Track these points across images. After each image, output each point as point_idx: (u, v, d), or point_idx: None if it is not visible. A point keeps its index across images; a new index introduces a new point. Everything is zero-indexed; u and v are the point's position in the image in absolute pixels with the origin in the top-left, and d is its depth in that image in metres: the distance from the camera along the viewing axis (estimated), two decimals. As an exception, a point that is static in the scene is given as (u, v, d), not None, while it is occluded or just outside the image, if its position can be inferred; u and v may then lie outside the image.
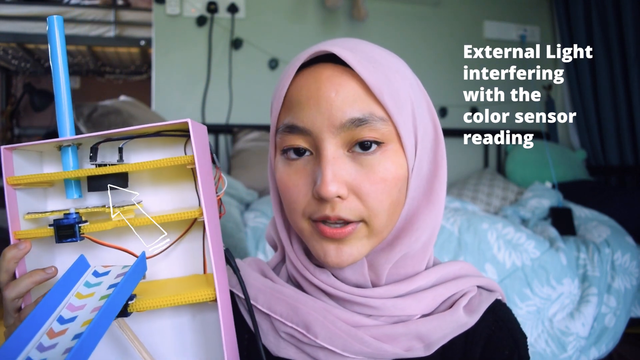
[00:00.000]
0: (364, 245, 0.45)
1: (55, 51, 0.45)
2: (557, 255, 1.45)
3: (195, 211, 0.43)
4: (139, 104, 1.74)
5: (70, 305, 0.40)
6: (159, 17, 2.25)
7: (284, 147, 0.45)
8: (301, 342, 0.48)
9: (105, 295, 0.40)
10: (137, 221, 0.43)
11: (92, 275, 0.44)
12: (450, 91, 2.49)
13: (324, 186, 0.41)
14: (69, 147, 0.45)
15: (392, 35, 2.47)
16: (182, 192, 0.49)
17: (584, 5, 2.48)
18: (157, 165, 0.42)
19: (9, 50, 2.81)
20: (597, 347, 1.42)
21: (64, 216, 0.43)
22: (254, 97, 2.31)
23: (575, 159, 2.44)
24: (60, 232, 0.42)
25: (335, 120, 0.42)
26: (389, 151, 0.43)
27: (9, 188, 0.43)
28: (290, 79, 0.45)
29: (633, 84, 2.28)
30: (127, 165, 0.43)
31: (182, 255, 0.50)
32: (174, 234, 0.49)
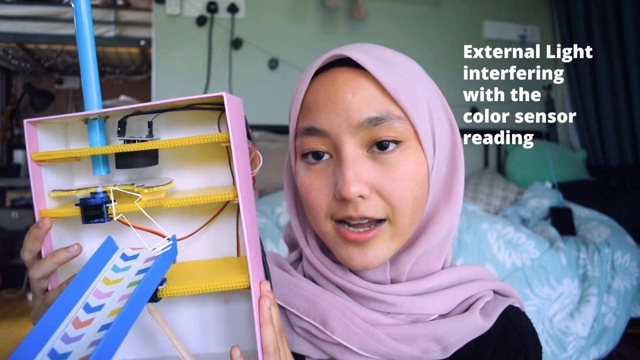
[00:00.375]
0: (389, 247, 0.45)
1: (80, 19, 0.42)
2: (557, 255, 1.45)
3: (230, 193, 0.40)
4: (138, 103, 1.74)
5: (97, 292, 0.38)
6: (159, 17, 2.25)
7: (303, 151, 0.46)
8: (316, 338, 0.47)
9: (133, 282, 0.38)
10: (169, 202, 0.40)
11: (120, 259, 0.42)
12: (450, 91, 2.48)
13: (346, 186, 0.41)
14: (95, 120, 0.43)
15: (392, 35, 2.47)
16: (214, 169, 0.47)
17: (584, 5, 2.48)
18: (190, 142, 0.40)
19: (9, 50, 2.81)
20: (597, 347, 1.42)
21: (91, 195, 0.40)
22: (254, 97, 2.31)
23: (575, 159, 2.44)
24: (87, 212, 0.40)
25: (353, 120, 0.42)
26: (408, 149, 0.44)
27: (33, 164, 0.41)
28: (307, 84, 0.45)
29: (633, 84, 2.27)
30: (159, 142, 0.40)
31: (214, 236, 0.48)
32: (207, 214, 0.46)
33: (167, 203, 0.40)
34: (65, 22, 2.55)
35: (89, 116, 0.42)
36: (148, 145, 0.40)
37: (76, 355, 0.32)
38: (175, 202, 0.40)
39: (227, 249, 0.48)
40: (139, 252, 0.43)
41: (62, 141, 0.46)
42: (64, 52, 2.81)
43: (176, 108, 0.42)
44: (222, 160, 0.47)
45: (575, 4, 2.51)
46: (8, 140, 3.25)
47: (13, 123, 3.30)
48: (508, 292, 0.53)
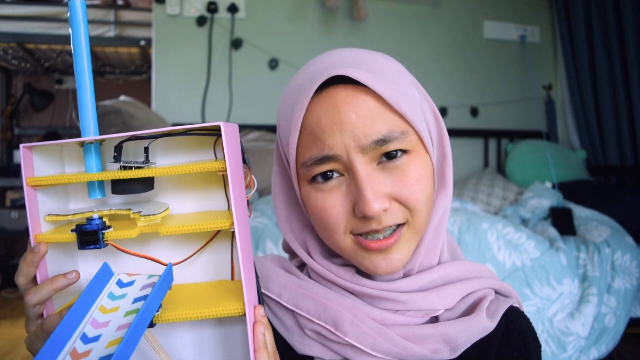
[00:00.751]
0: (409, 247, 0.46)
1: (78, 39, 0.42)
2: (557, 255, 1.45)
3: (225, 221, 0.40)
4: (139, 104, 1.74)
5: (94, 321, 0.38)
6: (159, 17, 2.25)
7: (314, 174, 0.45)
8: (328, 340, 0.48)
9: (130, 311, 0.38)
10: (165, 229, 0.40)
11: (116, 285, 0.42)
12: (450, 91, 2.49)
13: (369, 205, 0.42)
14: (91, 144, 0.43)
15: (392, 35, 2.47)
16: (210, 193, 0.47)
17: (584, 5, 2.48)
18: (187, 170, 0.40)
19: (9, 50, 2.80)
20: (597, 347, 1.42)
21: (87, 221, 0.40)
22: (254, 97, 2.31)
23: (575, 159, 2.44)
24: (83, 238, 0.40)
25: (361, 141, 0.43)
26: (414, 153, 0.45)
27: (29, 189, 0.41)
28: (305, 109, 0.44)
29: (633, 84, 2.27)
30: (155, 170, 0.40)
31: (210, 259, 0.48)
32: (202, 238, 0.47)
33: (163, 230, 0.40)
34: (65, 22, 2.54)
35: (85, 141, 0.42)
36: (144, 173, 0.40)
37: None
38: (171, 229, 0.40)
39: (222, 272, 0.48)
40: (135, 279, 0.43)
41: (57, 163, 0.45)
42: (64, 52, 2.81)
43: (171, 133, 0.42)
44: (217, 185, 0.47)
45: (575, 4, 2.51)
46: (8, 140, 3.25)
47: (13, 123, 3.30)
48: (508, 292, 0.54)
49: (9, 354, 1.89)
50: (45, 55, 2.92)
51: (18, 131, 3.35)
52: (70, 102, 3.40)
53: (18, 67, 3.17)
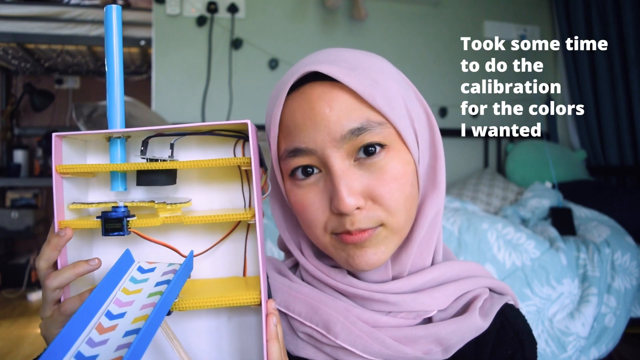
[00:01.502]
0: (387, 246, 0.46)
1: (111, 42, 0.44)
2: (557, 255, 1.45)
3: (247, 213, 0.43)
4: (139, 103, 1.74)
5: (118, 301, 0.39)
6: (159, 17, 2.25)
7: (291, 169, 0.46)
8: (320, 342, 0.48)
9: (153, 293, 0.40)
10: (189, 219, 0.42)
11: (137, 271, 0.43)
12: (450, 91, 2.49)
13: (342, 202, 0.42)
14: (118, 138, 0.45)
15: (392, 35, 2.47)
16: (228, 191, 0.49)
17: (584, 5, 2.48)
18: (212, 164, 0.42)
19: (9, 50, 2.80)
20: (597, 347, 1.42)
21: (112, 209, 0.42)
22: (254, 97, 2.31)
23: (575, 159, 2.44)
24: (107, 225, 0.41)
25: (335, 134, 0.42)
26: (393, 151, 0.44)
27: (57, 176, 0.43)
28: (282, 105, 0.45)
29: (633, 84, 2.28)
30: (182, 163, 0.43)
31: (222, 256, 0.50)
32: (217, 234, 0.48)
33: (187, 220, 0.42)
34: (65, 22, 2.54)
35: (112, 134, 0.44)
36: (172, 165, 0.43)
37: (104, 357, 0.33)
38: (194, 219, 0.42)
39: (233, 269, 0.49)
40: (156, 266, 0.44)
41: (81, 155, 0.47)
42: (64, 52, 2.81)
43: (197, 132, 0.45)
44: (235, 183, 0.49)
45: (575, 4, 2.51)
46: (8, 140, 3.24)
47: (13, 123, 3.30)
48: (503, 290, 0.54)
49: (9, 354, 1.89)
50: (45, 55, 2.92)
51: (18, 131, 3.35)
52: (70, 102, 3.40)
53: (18, 67, 3.16)
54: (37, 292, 2.68)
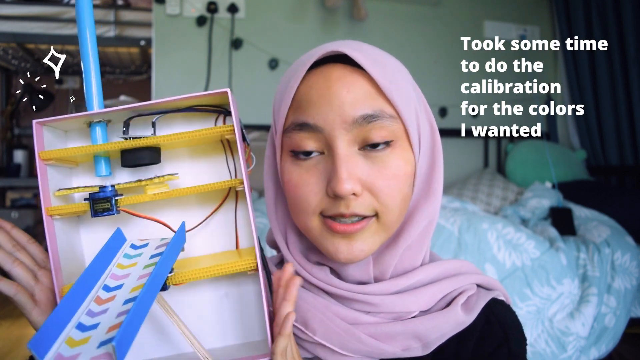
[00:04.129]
0: (374, 241, 0.46)
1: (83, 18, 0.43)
2: (557, 255, 1.45)
3: (235, 180, 0.43)
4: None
5: (114, 275, 0.39)
6: (159, 17, 2.25)
7: (293, 147, 0.45)
8: (299, 339, 0.48)
9: (148, 264, 0.40)
10: (178, 191, 0.42)
11: (131, 248, 0.43)
12: (450, 91, 2.49)
13: (340, 184, 0.41)
14: (98, 123, 0.44)
15: (392, 35, 2.47)
16: (213, 166, 0.49)
17: (584, 5, 2.48)
18: (195, 136, 0.42)
19: (9, 50, 2.80)
20: (597, 347, 1.42)
21: (100, 190, 0.42)
22: (254, 97, 2.31)
23: (575, 159, 2.44)
24: (96, 206, 0.41)
25: (348, 117, 0.42)
26: (398, 148, 0.45)
27: (41, 163, 0.43)
28: (300, 79, 0.45)
29: (633, 84, 2.27)
30: (163, 137, 0.42)
31: (214, 231, 0.50)
32: (208, 207, 0.48)
33: (176, 192, 0.42)
34: (65, 22, 2.54)
35: (92, 119, 0.43)
36: (152, 141, 0.42)
37: (105, 324, 0.34)
38: (183, 190, 0.42)
39: (226, 244, 0.49)
40: (148, 242, 0.44)
41: (62, 143, 0.47)
42: (64, 52, 2.81)
43: (177, 110, 0.44)
44: (219, 157, 0.49)
45: (575, 4, 2.51)
46: (8, 140, 3.24)
47: (13, 123, 3.30)
48: (492, 285, 0.53)
49: (9, 354, 1.89)
50: (45, 55, 2.92)
51: (18, 131, 3.35)
52: (70, 102, 3.39)
53: (18, 67, 3.17)
54: (37, 292, 2.68)
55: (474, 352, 0.48)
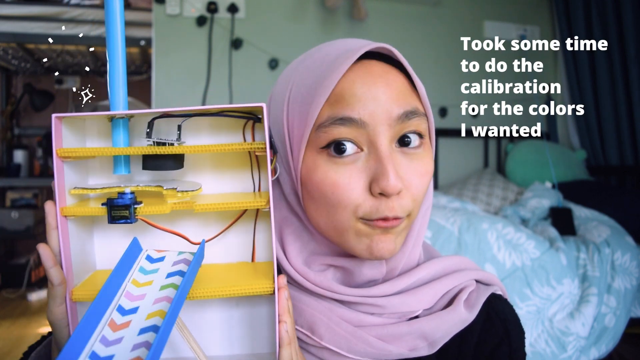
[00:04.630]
0: (402, 237, 0.46)
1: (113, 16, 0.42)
2: (557, 255, 1.45)
3: (260, 200, 0.40)
4: (139, 104, 1.74)
5: (129, 294, 0.37)
6: (159, 17, 2.25)
7: (330, 140, 0.43)
8: (305, 344, 0.48)
9: (165, 285, 0.38)
10: (200, 206, 0.40)
11: (146, 260, 0.41)
12: (450, 91, 2.49)
13: (389, 182, 0.41)
14: (121, 119, 0.42)
15: (392, 35, 2.47)
16: (236, 174, 0.47)
17: (584, 5, 2.48)
18: (224, 149, 0.40)
19: (9, 50, 2.80)
20: (597, 347, 1.42)
21: (118, 195, 0.39)
22: (254, 97, 2.31)
23: (575, 159, 2.44)
24: (114, 212, 0.39)
25: (393, 113, 0.43)
26: (426, 145, 0.46)
27: (58, 161, 0.40)
28: (342, 74, 0.43)
29: (633, 84, 2.28)
30: (191, 147, 0.40)
31: (231, 241, 0.48)
32: (227, 219, 0.47)
33: (197, 207, 0.40)
34: (65, 22, 2.54)
35: (115, 115, 0.41)
36: (182, 150, 0.40)
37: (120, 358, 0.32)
38: (206, 206, 0.40)
39: (242, 254, 0.47)
40: (165, 255, 0.42)
41: (80, 138, 0.45)
42: (64, 52, 2.81)
43: (205, 114, 0.42)
44: (243, 167, 0.47)
45: (575, 4, 2.51)
46: (8, 140, 3.24)
47: (13, 123, 3.30)
48: (490, 281, 0.53)
49: (9, 354, 1.89)
50: (45, 55, 2.92)
51: (18, 131, 3.35)
52: (70, 102, 3.39)
53: (18, 67, 3.17)
54: (37, 292, 2.68)
55: (476, 348, 0.48)
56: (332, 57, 0.45)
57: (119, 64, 0.43)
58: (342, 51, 0.45)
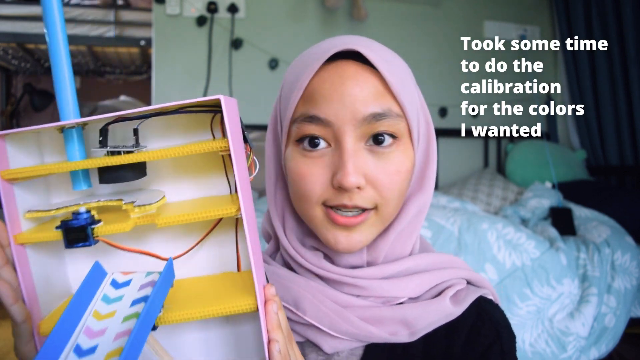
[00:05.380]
0: (371, 232, 0.47)
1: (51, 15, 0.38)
2: (557, 255, 1.45)
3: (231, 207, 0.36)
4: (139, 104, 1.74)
5: (88, 330, 0.33)
6: (159, 17, 2.25)
7: (300, 136, 0.46)
8: (291, 321, 0.49)
9: (129, 316, 0.34)
10: (162, 220, 0.36)
11: (111, 286, 0.37)
12: (450, 91, 2.49)
13: (347, 177, 0.43)
14: (72, 128, 0.38)
15: (392, 35, 2.47)
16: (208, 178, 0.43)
17: (584, 5, 2.48)
18: (184, 152, 0.35)
19: (9, 50, 2.80)
20: (597, 347, 1.42)
21: (73, 216, 0.36)
22: (254, 97, 2.31)
23: (575, 159, 2.44)
24: (69, 235, 0.36)
25: (358, 114, 0.44)
26: (402, 145, 0.47)
27: (5, 184, 0.36)
28: (314, 72, 0.46)
29: (633, 84, 2.28)
30: (148, 154, 0.36)
31: (212, 251, 0.44)
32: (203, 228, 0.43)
33: (160, 221, 0.36)
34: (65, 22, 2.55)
35: (64, 125, 0.37)
36: (135, 158, 0.36)
37: None
38: (169, 219, 0.36)
39: (227, 263, 0.44)
40: (131, 277, 0.38)
41: (35, 153, 0.41)
42: (64, 52, 2.81)
43: (162, 112, 0.38)
44: (217, 168, 0.43)
45: (575, 4, 2.51)
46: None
47: (13, 123, 3.30)
48: (481, 283, 0.54)
49: (9, 354, 1.89)
50: (45, 55, 2.93)
51: (18, 131, 3.35)
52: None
53: (18, 67, 3.17)
54: (37, 292, 2.68)
55: (465, 347, 0.49)
56: (312, 57, 0.47)
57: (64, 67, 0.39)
58: (321, 51, 0.47)
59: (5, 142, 0.37)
